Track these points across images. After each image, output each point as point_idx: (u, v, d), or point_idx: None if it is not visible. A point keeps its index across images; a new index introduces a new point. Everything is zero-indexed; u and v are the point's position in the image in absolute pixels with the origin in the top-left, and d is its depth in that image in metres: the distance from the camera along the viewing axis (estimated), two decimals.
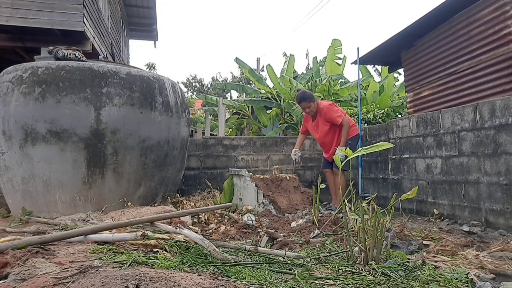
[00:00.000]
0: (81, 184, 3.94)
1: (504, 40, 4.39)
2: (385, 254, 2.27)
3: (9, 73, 4.05)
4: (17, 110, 3.86)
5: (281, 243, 2.69)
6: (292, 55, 11.94)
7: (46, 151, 3.85)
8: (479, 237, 3.12)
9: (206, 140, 5.90)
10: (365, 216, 2.18)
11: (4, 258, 1.88)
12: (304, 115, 5.08)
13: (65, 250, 2.16)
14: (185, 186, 5.57)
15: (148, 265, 1.89)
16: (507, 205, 3.45)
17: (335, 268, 2.06)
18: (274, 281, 1.80)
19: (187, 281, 1.55)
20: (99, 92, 3.94)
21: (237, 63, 11.54)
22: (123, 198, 4.03)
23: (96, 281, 1.51)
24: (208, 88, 36.38)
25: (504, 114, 3.51)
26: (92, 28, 7.35)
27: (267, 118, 11.33)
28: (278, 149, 6.09)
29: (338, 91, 9.71)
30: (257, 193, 4.34)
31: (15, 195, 4.12)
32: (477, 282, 1.82)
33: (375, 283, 1.79)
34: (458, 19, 5.10)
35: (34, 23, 6.41)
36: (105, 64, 4.20)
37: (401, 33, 5.76)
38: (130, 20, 14.41)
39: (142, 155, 4.18)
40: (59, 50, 4.20)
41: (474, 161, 3.86)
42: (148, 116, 4.18)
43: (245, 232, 3.25)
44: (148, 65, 32.21)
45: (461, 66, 5.09)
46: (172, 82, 4.68)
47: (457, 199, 4.07)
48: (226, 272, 1.91)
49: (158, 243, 2.34)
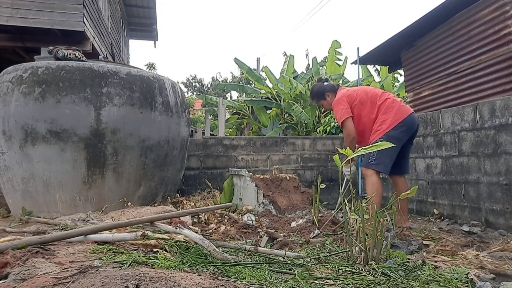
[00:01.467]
0: (81, 184, 3.94)
1: (504, 40, 4.39)
2: (385, 254, 2.27)
3: (9, 73, 4.05)
4: (17, 110, 3.86)
5: (281, 243, 2.69)
6: (291, 55, 11.96)
7: (46, 151, 3.85)
8: (479, 237, 3.12)
9: (206, 140, 5.90)
10: (365, 216, 2.18)
11: (4, 258, 1.88)
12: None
13: (65, 250, 2.16)
14: (185, 186, 5.58)
15: (148, 265, 1.89)
16: (507, 205, 3.45)
17: (335, 268, 2.06)
18: (274, 281, 1.79)
19: (187, 281, 1.55)
20: (99, 92, 3.94)
21: (236, 63, 11.56)
22: (123, 198, 4.03)
23: (96, 281, 1.50)
24: (208, 88, 36.37)
25: (504, 114, 3.51)
26: (92, 28, 7.35)
27: (267, 118, 11.34)
28: (278, 149, 6.09)
29: None
30: (257, 193, 4.34)
31: (15, 195, 4.12)
32: (477, 282, 1.82)
33: (375, 283, 1.79)
34: (458, 19, 5.10)
35: (34, 23, 6.41)
36: (105, 64, 4.20)
37: (401, 33, 5.76)
38: (130, 20, 14.41)
39: (142, 155, 4.18)
40: (59, 50, 4.20)
41: (474, 161, 3.86)
42: (148, 116, 4.18)
43: (245, 232, 3.25)
44: (148, 65, 32.20)
45: (461, 66, 5.09)
46: (172, 82, 4.68)
47: (457, 199, 4.07)
48: (226, 272, 1.91)
49: (158, 243, 2.34)
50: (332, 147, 6.17)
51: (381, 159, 3.36)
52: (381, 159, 3.36)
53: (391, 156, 3.36)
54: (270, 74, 10.96)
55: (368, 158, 3.43)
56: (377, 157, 3.36)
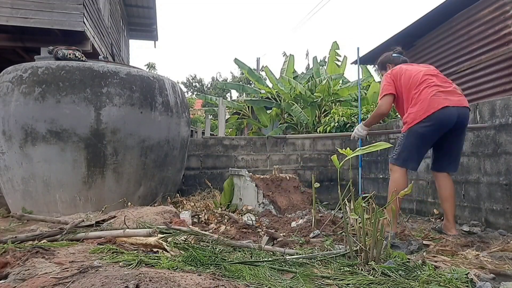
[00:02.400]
0: (81, 184, 3.94)
1: (504, 40, 4.39)
2: (385, 254, 2.27)
3: (9, 73, 4.05)
4: (17, 110, 3.86)
5: (281, 243, 2.69)
6: (291, 55, 11.97)
7: (46, 151, 3.85)
8: (479, 237, 3.12)
9: (206, 140, 5.90)
10: (365, 216, 2.18)
11: (4, 258, 1.89)
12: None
13: (65, 250, 2.16)
14: (185, 186, 5.58)
15: (148, 265, 1.89)
16: (507, 205, 3.45)
17: (335, 268, 2.06)
18: (274, 281, 1.80)
19: (187, 281, 1.55)
20: (99, 92, 3.94)
21: (236, 63, 11.56)
22: (123, 198, 4.03)
23: (96, 281, 1.51)
24: (208, 88, 36.37)
25: (504, 114, 3.51)
26: (92, 28, 7.35)
27: (267, 118, 11.34)
28: (278, 149, 6.09)
29: (338, 91, 9.71)
30: (257, 193, 4.34)
31: (15, 195, 4.12)
32: (477, 282, 1.82)
33: (375, 283, 1.79)
34: (458, 19, 5.11)
35: (34, 23, 6.41)
36: (105, 64, 4.20)
37: (401, 33, 5.77)
38: (130, 20, 14.41)
39: (142, 155, 4.18)
40: (59, 50, 4.20)
41: (474, 161, 3.86)
42: (148, 116, 4.18)
43: (245, 232, 3.25)
44: (148, 65, 32.18)
45: (461, 66, 5.09)
46: (172, 82, 4.68)
47: (457, 199, 4.07)
48: (226, 272, 1.91)
49: (158, 243, 2.34)
50: (332, 147, 6.17)
51: (401, 154, 3.14)
52: (401, 154, 3.14)
53: (413, 151, 3.10)
54: (270, 74, 10.96)
55: (393, 153, 3.24)
56: (399, 151, 3.14)
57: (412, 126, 3.08)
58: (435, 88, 3.08)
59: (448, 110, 3.01)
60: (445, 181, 3.25)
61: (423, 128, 3.04)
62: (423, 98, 3.06)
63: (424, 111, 3.02)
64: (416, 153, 3.12)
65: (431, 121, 3.02)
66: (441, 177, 3.27)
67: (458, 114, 3.06)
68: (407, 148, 3.10)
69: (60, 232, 2.57)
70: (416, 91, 3.12)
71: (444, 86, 3.14)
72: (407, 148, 3.11)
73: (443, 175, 3.26)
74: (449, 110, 3.02)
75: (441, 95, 3.05)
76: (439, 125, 3.04)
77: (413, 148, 3.10)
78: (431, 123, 3.02)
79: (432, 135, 3.09)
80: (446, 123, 3.05)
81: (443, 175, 3.26)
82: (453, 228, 3.17)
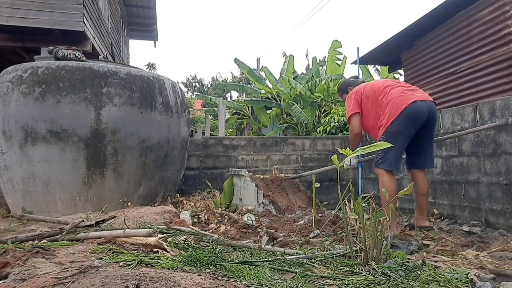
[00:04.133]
0: (81, 184, 3.94)
1: (504, 40, 4.39)
2: (385, 254, 2.27)
3: (9, 73, 4.05)
4: (17, 110, 3.86)
5: (281, 243, 2.69)
6: (291, 55, 11.97)
7: (46, 151, 3.85)
8: (479, 237, 3.12)
9: (206, 140, 5.90)
10: (365, 216, 2.18)
11: (4, 258, 1.89)
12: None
13: (65, 250, 2.16)
14: (185, 186, 5.58)
15: (148, 265, 1.89)
16: (507, 205, 3.45)
17: (335, 268, 2.06)
18: (274, 281, 1.79)
19: (187, 281, 1.55)
20: (99, 92, 3.94)
21: (237, 63, 11.57)
22: (123, 198, 4.03)
23: (96, 281, 1.51)
24: (208, 88, 36.37)
25: (504, 114, 3.51)
26: (92, 28, 7.35)
27: (267, 118, 11.34)
28: (278, 149, 6.09)
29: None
30: (257, 193, 4.33)
31: (15, 195, 4.12)
32: (477, 282, 1.82)
33: (375, 283, 1.79)
34: (458, 19, 5.11)
35: (34, 23, 6.41)
36: (105, 64, 4.20)
37: (401, 33, 5.77)
38: (130, 20, 14.41)
39: (142, 155, 4.18)
40: (59, 50, 4.20)
41: (474, 161, 3.86)
42: (148, 116, 4.18)
43: (245, 232, 3.25)
44: (148, 65, 32.18)
45: (461, 66, 5.09)
46: (172, 82, 4.68)
47: (457, 199, 4.07)
48: (226, 272, 1.91)
49: (158, 243, 2.34)
50: (332, 147, 6.18)
51: (385, 157, 3.24)
52: (385, 157, 3.24)
53: (395, 152, 3.19)
54: (269, 74, 10.97)
55: (376, 158, 3.33)
56: (382, 155, 3.24)
57: (388, 127, 3.20)
58: (400, 88, 3.31)
59: (418, 104, 3.18)
60: (422, 177, 3.39)
61: (399, 127, 3.17)
62: (392, 97, 3.25)
63: (397, 109, 3.17)
64: (396, 153, 3.23)
65: (404, 118, 3.15)
66: (418, 174, 3.40)
67: (428, 107, 3.22)
68: (389, 149, 3.09)
69: (60, 232, 2.58)
70: (383, 96, 3.32)
71: (407, 86, 3.39)
72: (389, 150, 3.11)
73: (420, 172, 3.40)
74: (419, 104, 3.18)
75: (407, 93, 3.26)
76: (414, 119, 3.18)
77: (396, 149, 3.15)
78: (404, 120, 3.16)
79: (409, 131, 3.21)
80: (419, 117, 3.19)
81: (420, 172, 3.40)
82: (427, 220, 3.34)
